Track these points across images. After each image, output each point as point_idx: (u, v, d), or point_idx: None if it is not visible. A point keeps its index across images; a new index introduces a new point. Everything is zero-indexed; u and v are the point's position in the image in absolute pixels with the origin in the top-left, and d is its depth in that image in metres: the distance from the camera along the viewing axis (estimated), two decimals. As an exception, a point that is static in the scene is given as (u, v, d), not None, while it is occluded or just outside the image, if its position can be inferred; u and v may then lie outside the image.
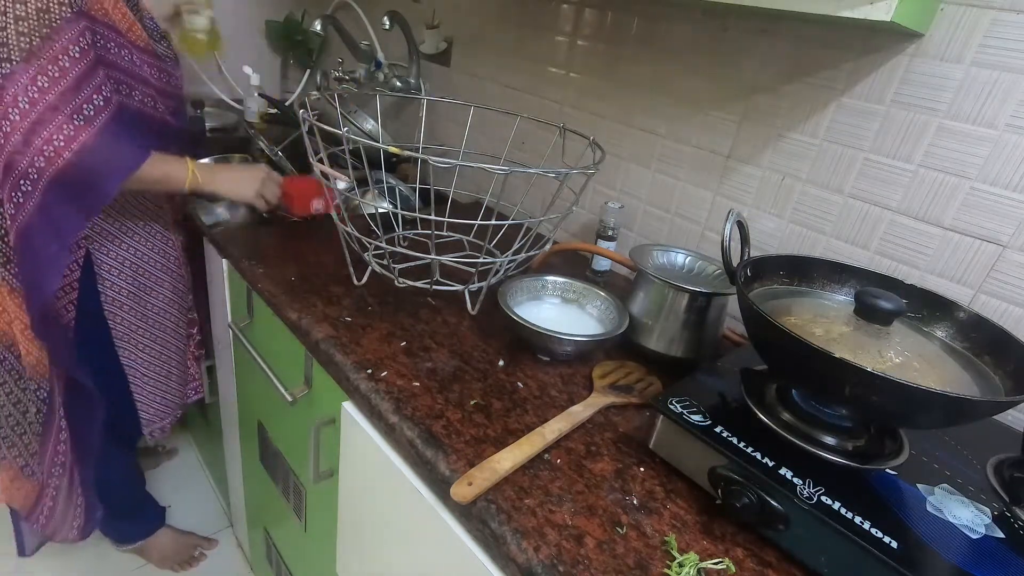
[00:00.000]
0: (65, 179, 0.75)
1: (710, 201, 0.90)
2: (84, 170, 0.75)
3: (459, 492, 0.50)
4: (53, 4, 0.70)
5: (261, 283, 0.81)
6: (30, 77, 0.70)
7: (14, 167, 0.73)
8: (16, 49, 0.69)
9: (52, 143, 0.72)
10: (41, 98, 0.71)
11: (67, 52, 0.72)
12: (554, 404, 0.64)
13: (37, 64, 0.70)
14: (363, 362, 0.66)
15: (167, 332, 1.03)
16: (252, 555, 1.35)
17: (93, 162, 0.75)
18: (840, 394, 0.47)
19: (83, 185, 0.77)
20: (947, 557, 0.44)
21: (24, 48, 0.69)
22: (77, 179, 0.75)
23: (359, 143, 0.71)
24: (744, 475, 0.49)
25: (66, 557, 1.32)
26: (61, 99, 0.72)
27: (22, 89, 0.70)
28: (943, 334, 0.56)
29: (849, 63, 0.72)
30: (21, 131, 0.71)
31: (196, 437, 1.67)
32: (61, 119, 0.72)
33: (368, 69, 1.37)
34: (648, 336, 0.75)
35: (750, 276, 0.61)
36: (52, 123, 0.72)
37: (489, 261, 0.77)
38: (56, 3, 0.70)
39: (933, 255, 0.70)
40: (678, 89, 0.91)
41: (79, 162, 0.74)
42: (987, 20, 0.62)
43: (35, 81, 0.70)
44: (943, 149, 0.67)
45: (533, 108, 1.13)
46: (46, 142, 0.72)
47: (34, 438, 0.95)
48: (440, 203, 1.19)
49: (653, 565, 0.47)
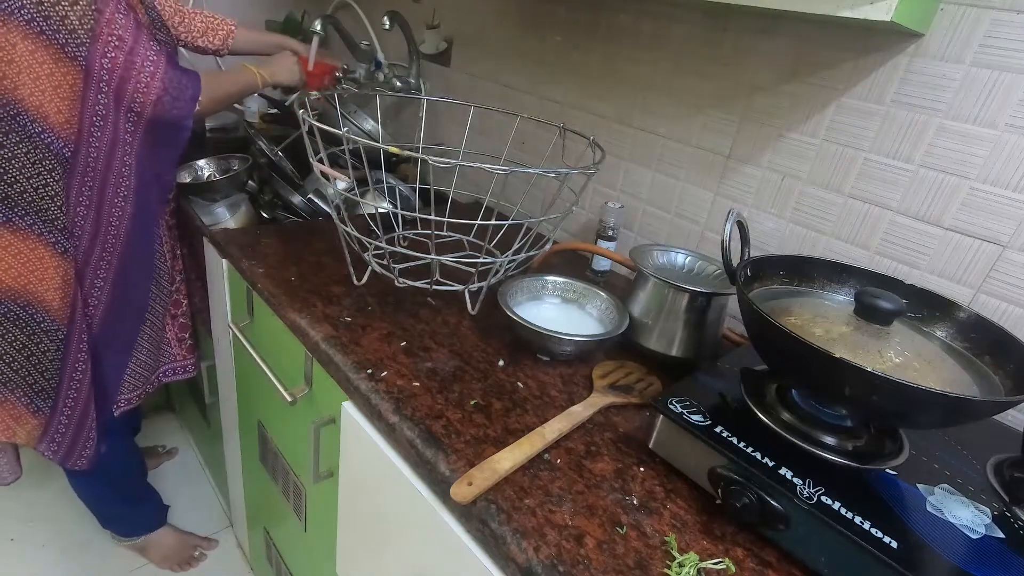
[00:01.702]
0: (159, 108, 0.88)
1: (710, 201, 0.90)
2: (171, 98, 0.89)
3: (459, 492, 0.50)
4: None
5: (261, 283, 0.81)
6: (102, 44, 0.82)
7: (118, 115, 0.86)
8: (83, 31, 0.81)
9: (143, 76, 0.86)
10: (120, 50, 0.83)
11: (117, 15, 0.83)
12: (554, 404, 0.64)
13: (104, 31, 0.82)
14: (363, 362, 0.66)
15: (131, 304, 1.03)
16: (252, 555, 1.35)
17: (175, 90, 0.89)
18: (840, 394, 0.47)
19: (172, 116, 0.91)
20: (947, 557, 0.44)
21: (88, 28, 0.81)
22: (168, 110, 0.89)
23: (359, 143, 0.71)
24: (744, 475, 0.49)
25: (66, 556, 1.33)
26: (131, 51, 0.84)
27: (101, 54, 0.82)
28: (943, 334, 0.56)
29: (849, 63, 0.72)
30: (115, 83, 0.84)
31: (196, 437, 1.67)
32: (139, 61, 0.85)
33: (368, 69, 1.37)
34: (648, 336, 0.75)
35: (750, 276, 0.61)
36: (136, 65, 0.85)
37: (489, 261, 0.77)
38: None
39: (933, 255, 0.70)
40: (678, 89, 0.91)
41: (165, 96, 0.88)
42: (987, 20, 0.62)
43: (108, 42, 0.82)
44: (943, 149, 0.67)
45: (533, 108, 1.13)
46: (136, 82, 0.85)
47: (40, 377, 0.98)
48: (440, 203, 1.19)
49: (653, 565, 0.47)
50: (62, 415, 1.01)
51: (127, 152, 0.89)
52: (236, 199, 1.19)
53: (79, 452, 1.06)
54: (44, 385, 0.99)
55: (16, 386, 0.98)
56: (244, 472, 1.21)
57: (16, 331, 0.94)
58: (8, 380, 0.97)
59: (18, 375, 0.97)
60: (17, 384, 0.98)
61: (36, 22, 0.78)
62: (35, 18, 0.78)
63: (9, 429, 1.01)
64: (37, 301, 0.93)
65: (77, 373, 0.99)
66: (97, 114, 0.84)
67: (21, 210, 0.87)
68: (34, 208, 0.88)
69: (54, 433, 1.02)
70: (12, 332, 0.94)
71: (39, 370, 0.98)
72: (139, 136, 0.90)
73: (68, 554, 1.33)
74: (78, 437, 1.04)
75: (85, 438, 1.05)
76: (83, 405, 1.02)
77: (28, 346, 0.96)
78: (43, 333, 0.95)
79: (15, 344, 0.95)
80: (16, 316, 0.93)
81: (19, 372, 0.97)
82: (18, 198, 0.87)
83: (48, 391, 1.00)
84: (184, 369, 1.20)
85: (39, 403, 1.00)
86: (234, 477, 1.29)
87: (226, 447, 1.29)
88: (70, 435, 1.04)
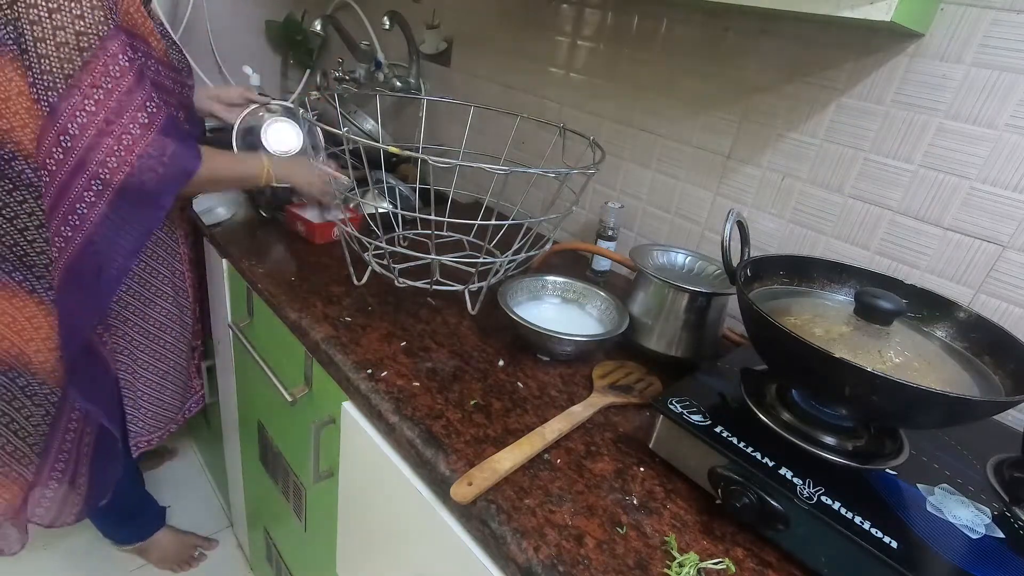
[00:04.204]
0: (130, 187, 0.76)
1: (710, 201, 0.90)
2: (149, 176, 0.76)
3: (459, 492, 0.50)
4: (91, 24, 0.71)
5: (261, 283, 0.81)
6: (80, 97, 0.72)
7: (76, 179, 0.74)
8: (60, 76, 0.71)
9: (116, 152, 0.74)
10: (97, 112, 0.73)
11: (116, 63, 0.73)
12: (554, 404, 0.64)
13: (86, 83, 0.72)
14: (363, 362, 0.66)
15: (166, 347, 1.02)
16: (252, 555, 1.35)
17: (159, 167, 0.77)
18: (840, 394, 0.47)
19: (147, 193, 0.78)
20: (947, 557, 0.44)
21: (68, 73, 0.71)
22: (142, 187, 0.77)
23: (359, 143, 0.71)
24: (744, 475, 0.49)
25: (66, 557, 1.33)
26: (116, 111, 0.74)
27: (74, 108, 0.72)
28: (943, 334, 0.56)
29: (849, 63, 0.72)
30: (81, 145, 0.73)
31: (196, 437, 1.67)
32: (120, 128, 0.74)
33: (368, 69, 1.37)
34: (648, 336, 0.75)
35: (750, 276, 0.61)
36: (112, 133, 0.73)
37: (489, 261, 0.77)
38: (94, 22, 0.71)
39: (933, 255, 0.70)
40: (678, 89, 0.91)
41: (144, 168, 0.75)
42: (987, 20, 0.62)
43: (89, 97, 0.72)
44: (943, 149, 0.67)
45: (533, 108, 1.13)
46: (109, 153, 0.74)
47: (22, 442, 0.94)
48: (440, 203, 1.19)
49: (653, 565, 0.47)
50: (50, 479, 0.98)
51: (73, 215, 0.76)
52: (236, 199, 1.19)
53: (67, 512, 1.04)
54: (26, 452, 0.95)
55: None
56: (244, 472, 1.21)
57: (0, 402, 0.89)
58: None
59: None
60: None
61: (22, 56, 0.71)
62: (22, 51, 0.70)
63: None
64: (21, 364, 0.88)
65: (68, 438, 0.95)
66: (51, 158, 0.73)
67: (9, 265, 0.82)
68: (24, 263, 0.82)
69: (40, 499, 0.99)
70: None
71: (20, 437, 0.93)
72: (102, 204, 0.76)
73: (68, 554, 1.33)
74: (67, 499, 1.02)
75: (75, 497, 1.03)
76: (73, 468, 0.99)
77: (8, 413, 0.91)
78: (26, 398, 0.90)
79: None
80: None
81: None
82: (8, 252, 0.81)
83: (30, 458, 0.95)
84: (202, 398, 1.20)
85: (20, 470, 0.96)
86: (234, 477, 1.29)
87: (226, 447, 1.29)
88: (58, 499, 1.01)
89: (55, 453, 0.96)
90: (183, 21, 1.43)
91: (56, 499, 1.02)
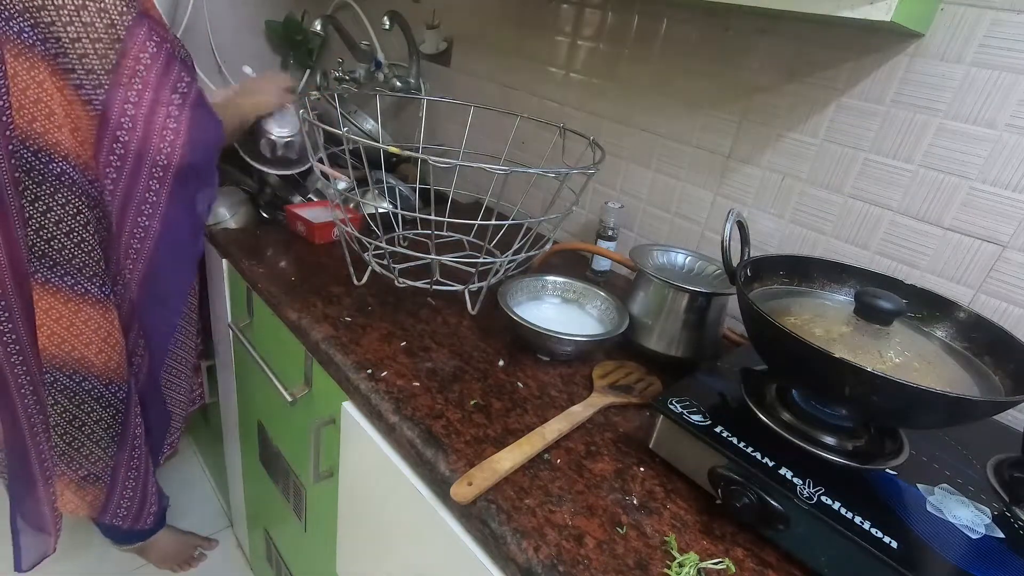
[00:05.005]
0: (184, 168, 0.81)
1: (710, 201, 0.90)
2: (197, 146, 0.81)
3: (459, 492, 0.50)
4: (116, 16, 0.73)
5: (261, 283, 0.81)
6: (124, 89, 0.75)
7: (138, 175, 0.79)
8: (103, 72, 0.74)
9: (166, 136, 0.78)
10: (141, 101, 0.76)
11: (146, 50, 0.76)
12: (554, 404, 0.64)
13: (126, 74, 0.75)
14: (363, 362, 0.66)
15: (178, 345, 1.03)
16: (252, 555, 1.35)
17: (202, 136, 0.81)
18: (840, 394, 0.47)
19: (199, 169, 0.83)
20: (947, 557, 0.44)
21: (108, 68, 0.74)
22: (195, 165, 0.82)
23: (359, 143, 0.71)
24: (744, 475, 0.49)
25: (66, 557, 1.32)
26: (155, 97, 0.77)
27: (122, 103, 0.75)
28: (943, 334, 0.56)
29: (849, 63, 0.72)
30: (136, 138, 0.77)
31: (196, 437, 1.67)
32: (164, 112, 0.77)
33: (368, 69, 1.37)
34: (648, 336, 0.75)
35: (750, 276, 0.61)
36: (158, 119, 0.77)
37: (489, 261, 0.77)
38: (118, 14, 0.73)
39: (933, 255, 0.70)
40: (678, 89, 0.91)
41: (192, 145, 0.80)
42: (987, 20, 0.62)
43: (131, 87, 0.75)
44: (943, 149, 0.67)
45: (533, 108, 1.13)
46: (161, 139, 0.78)
47: (96, 446, 0.95)
48: (440, 203, 1.19)
49: (653, 565, 0.47)
50: (127, 481, 0.99)
51: (146, 204, 0.82)
52: (236, 199, 1.19)
53: (147, 512, 1.06)
54: (100, 455, 0.96)
55: (71, 459, 0.94)
56: (244, 472, 1.21)
57: (65, 402, 0.89)
58: (63, 453, 0.93)
59: (71, 447, 0.93)
60: (72, 456, 0.94)
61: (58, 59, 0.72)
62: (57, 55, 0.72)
63: (71, 503, 0.98)
64: (84, 368, 0.88)
65: (137, 438, 0.97)
66: (111, 165, 0.78)
67: (60, 269, 0.82)
68: (74, 265, 0.82)
69: (119, 499, 1.01)
70: (61, 403, 0.89)
71: (93, 440, 0.94)
72: (166, 189, 0.82)
73: (67, 554, 1.33)
74: (145, 499, 1.04)
75: (150, 497, 1.05)
76: (144, 466, 1.01)
77: (79, 416, 0.91)
78: (93, 401, 0.91)
79: (66, 415, 0.90)
80: (63, 386, 0.88)
81: (72, 444, 0.93)
82: (56, 255, 0.81)
83: (105, 460, 0.97)
84: (201, 396, 1.20)
85: (97, 472, 0.97)
86: (234, 477, 1.29)
87: (226, 447, 1.29)
88: (137, 499, 1.03)
89: (129, 451, 0.98)
90: (183, 21, 1.42)
91: (135, 499, 1.03)
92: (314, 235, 0.93)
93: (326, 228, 0.93)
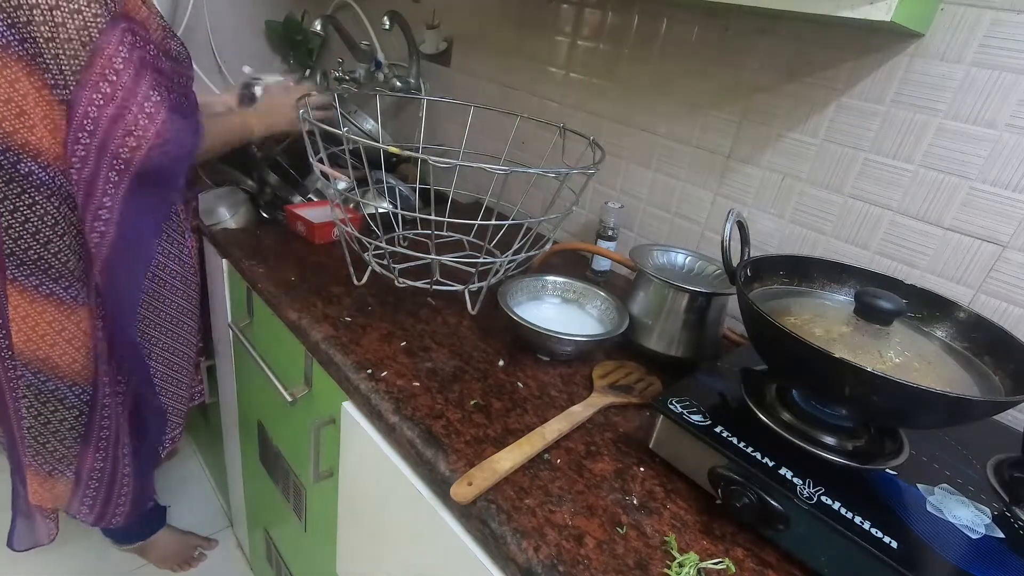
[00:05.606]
0: (147, 169, 0.78)
1: (710, 201, 0.90)
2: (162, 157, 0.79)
3: (459, 492, 0.50)
4: (89, 18, 0.73)
5: (261, 283, 0.81)
6: (91, 91, 0.74)
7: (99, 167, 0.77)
8: (70, 73, 0.73)
9: (132, 134, 0.76)
10: (109, 102, 0.75)
11: (119, 55, 0.74)
12: (554, 404, 0.64)
13: (95, 75, 0.73)
14: (363, 362, 0.66)
15: (180, 341, 1.03)
16: (252, 555, 1.35)
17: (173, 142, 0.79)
18: (840, 394, 0.47)
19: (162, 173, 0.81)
20: (947, 557, 0.44)
21: (76, 70, 0.73)
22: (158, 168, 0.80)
23: (359, 143, 0.71)
24: (744, 475, 0.49)
25: (66, 557, 1.33)
26: (126, 99, 0.75)
27: (88, 103, 0.74)
28: (943, 334, 0.56)
29: (849, 63, 0.72)
30: (100, 132, 0.75)
31: (196, 437, 1.67)
32: (132, 115, 0.76)
33: (368, 69, 1.37)
34: (648, 336, 0.75)
35: (750, 276, 0.61)
36: (125, 119, 0.75)
37: (489, 261, 0.77)
38: (91, 15, 0.73)
39: (933, 255, 0.70)
40: (678, 89, 0.91)
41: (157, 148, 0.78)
42: (987, 20, 0.62)
43: (99, 90, 0.74)
44: (943, 149, 0.67)
45: (533, 108, 1.13)
46: (125, 134, 0.76)
47: (60, 444, 0.96)
48: (440, 203, 1.19)
49: (653, 565, 0.47)
50: (91, 481, 1.01)
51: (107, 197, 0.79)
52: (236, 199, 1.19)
53: (112, 511, 1.06)
54: (64, 453, 0.97)
55: (37, 453, 0.96)
56: (244, 472, 1.22)
57: (31, 398, 0.91)
58: (30, 447, 0.95)
59: (37, 442, 0.94)
60: (38, 451, 0.96)
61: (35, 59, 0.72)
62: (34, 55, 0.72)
63: (36, 494, 1.00)
64: (47, 368, 0.89)
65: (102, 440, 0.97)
66: (76, 162, 0.76)
67: (27, 269, 0.82)
68: (39, 266, 0.82)
69: (83, 496, 1.02)
70: (28, 399, 0.91)
71: (58, 438, 0.95)
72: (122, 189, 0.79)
73: (68, 554, 1.33)
74: (110, 498, 1.05)
75: (117, 496, 1.05)
76: (111, 466, 1.01)
77: (43, 413, 0.93)
78: (56, 401, 0.92)
79: (32, 411, 0.92)
80: (29, 383, 0.89)
81: (38, 439, 0.94)
82: (23, 255, 0.81)
83: (69, 458, 0.98)
84: (201, 392, 1.20)
85: (62, 468, 0.99)
86: (234, 477, 1.29)
87: (226, 447, 1.29)
88: (101, 498, 1.04)
89: (92, 452, 0.98)
90: (183, 21, 1.43)
91: (99, 498, 1.04)
92: (314, 235, 0.93)
93: (326, 228, 0.93)
